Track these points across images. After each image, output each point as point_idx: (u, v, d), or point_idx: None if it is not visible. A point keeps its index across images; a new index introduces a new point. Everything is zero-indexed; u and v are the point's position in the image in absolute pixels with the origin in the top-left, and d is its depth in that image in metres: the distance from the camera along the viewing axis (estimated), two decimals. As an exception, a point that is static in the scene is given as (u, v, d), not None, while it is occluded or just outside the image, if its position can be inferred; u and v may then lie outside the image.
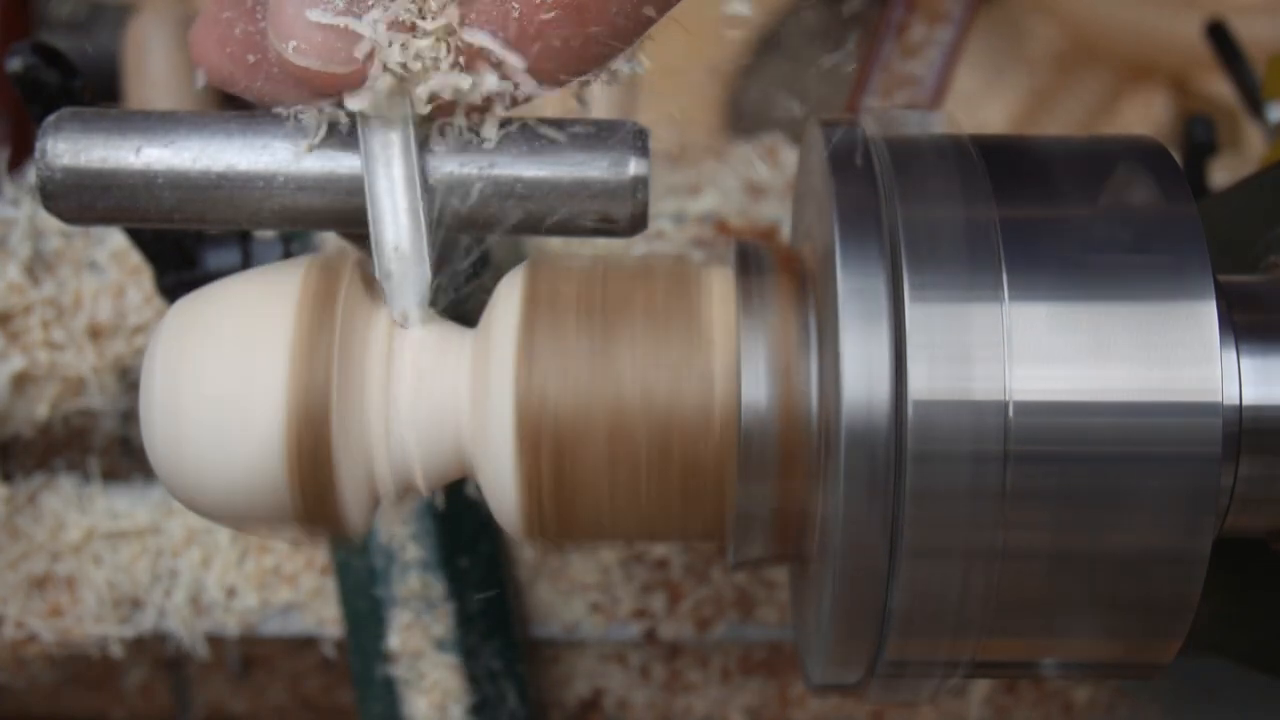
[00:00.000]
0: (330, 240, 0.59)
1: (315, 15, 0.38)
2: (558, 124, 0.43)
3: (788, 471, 0.42)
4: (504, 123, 0.42)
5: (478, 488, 0.44)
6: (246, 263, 0.58)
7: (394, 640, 0.63)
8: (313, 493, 0.41)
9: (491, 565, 0.64)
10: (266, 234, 0.59)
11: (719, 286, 0.43)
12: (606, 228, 0.43)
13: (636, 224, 0.43)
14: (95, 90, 0.50)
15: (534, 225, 0.43)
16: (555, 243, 0.66)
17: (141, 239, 0.56)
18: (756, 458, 0.41)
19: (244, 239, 0.58)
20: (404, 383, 0.43)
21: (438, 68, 0.39)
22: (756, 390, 0.41)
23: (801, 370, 0.41)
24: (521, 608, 0.67)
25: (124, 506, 0.67)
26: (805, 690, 0.64)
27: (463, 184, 0.42)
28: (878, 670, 0.41)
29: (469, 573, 0.63)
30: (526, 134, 0.42)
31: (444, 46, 0.39)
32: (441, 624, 0.63)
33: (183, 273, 0.57)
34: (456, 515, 0.63)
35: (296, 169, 0.42)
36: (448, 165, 0.42)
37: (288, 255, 0.58)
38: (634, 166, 0.42)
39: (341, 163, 0.42)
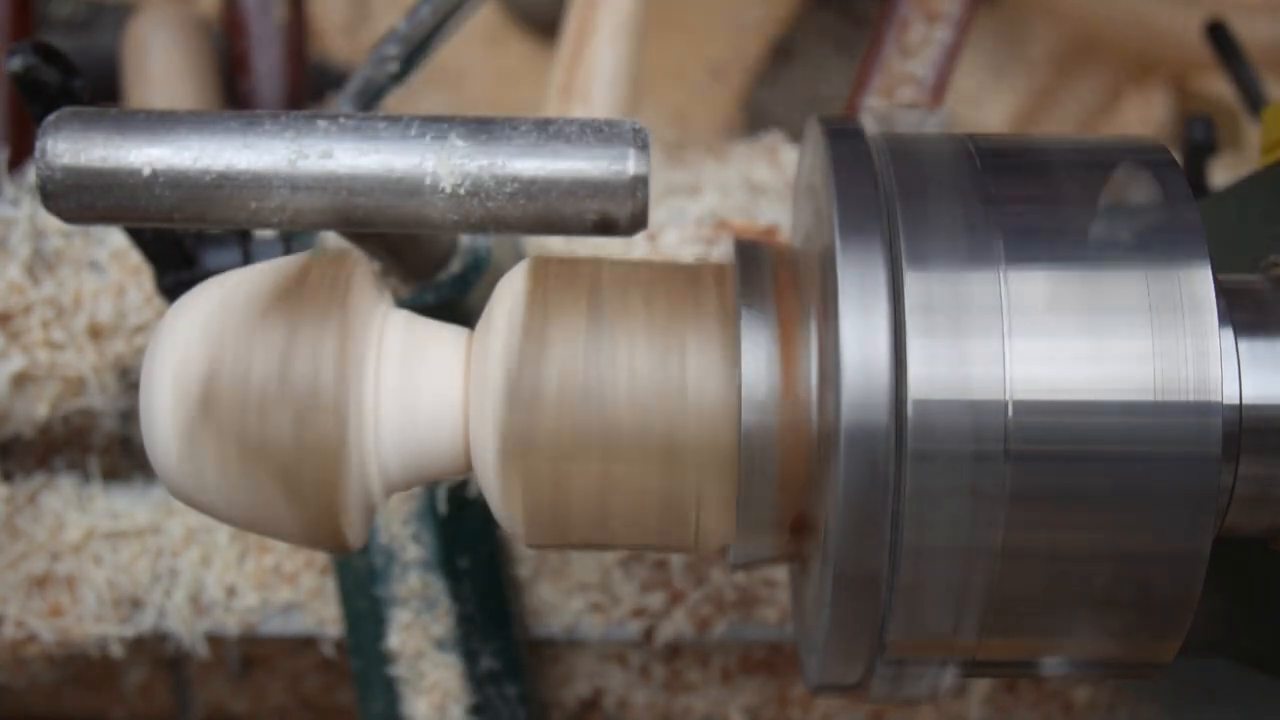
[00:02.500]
0: (330, 238, 0.59)
1: None
2: (558, 123, 0.43)
3: (788, 471, 0.42)
4: (506, 121, 0.43)
5: (478, 487, 0.44)
6: (246, 262, 0.58)
7: (394, 640, 0.63)
8: (313, 490, 0.41)
9: (491, 565, 0.64)
10: (266, 233, 0.59)
11: (718, 288, 0.43)
12: (606, 227, 0.43)
13: (636, 223, 0.43)
14: (95, 90, 0.50)
15: (533, 224, 0.43)
16: (556, 242, 0.66)
17: (141, 239, 0.56)
18: (757, 458, 0.41)
19: (244, 238, 0.58)
20: (405, 383, 0.43)
21: None
22: (757, 391, 0.41)
23: (802, 370, 0.41)
24: (521, 608, 0.67)
25: (124, 506, 0.67)
26: (805, 690, 0.64)
27: (466, 179, 0.42)
28: (877, 670, 0.41)
29: (469, 573, 0.63)
30: (527, 132, 0.42)
31: None
32: (441, 624, 0.63)
33: (182, 272, 0.57)
34: (457, 515, 0.63)
35: (296, 169, 0.42)
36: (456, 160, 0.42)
37: (288, 254, 0.58)
38: (634, 166, 0.42)
39: (341, 162, 0.42)
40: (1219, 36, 0.76)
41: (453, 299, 0.55)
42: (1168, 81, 1.09)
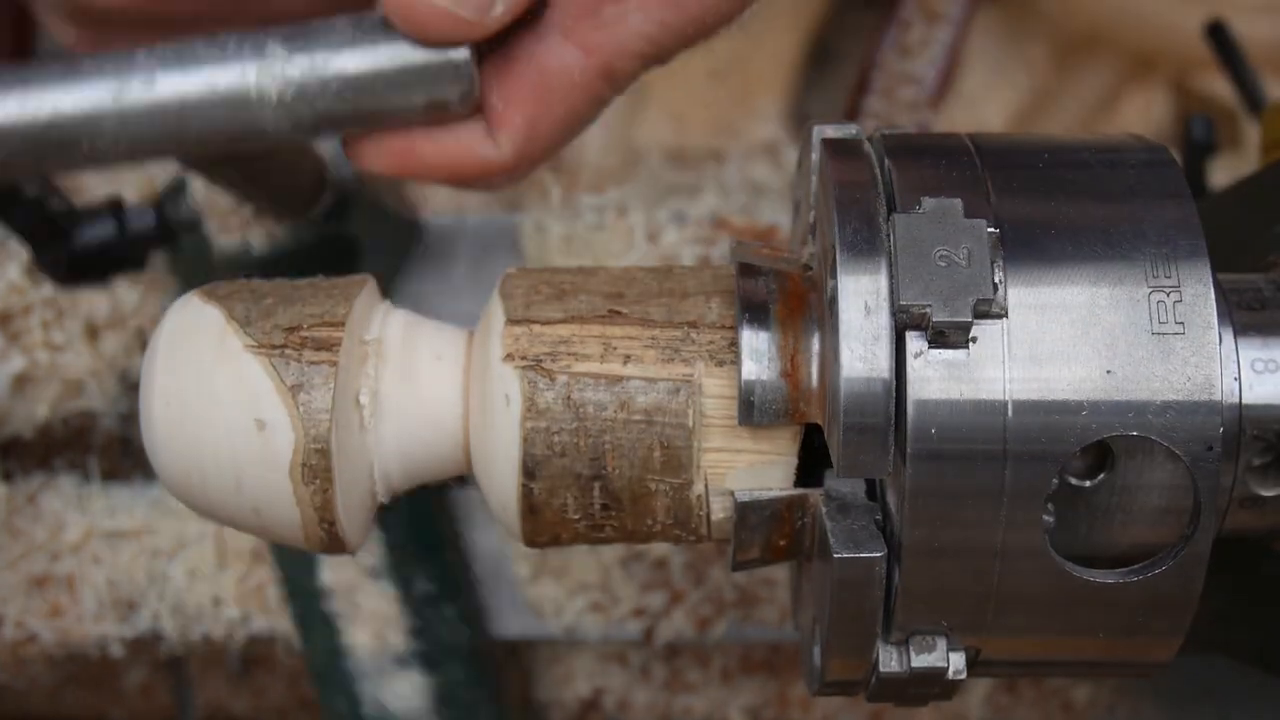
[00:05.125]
0: (198, 191, 0.59)
1: None
2: (375, 18, 0.43)
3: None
4: (322, 23, 0.43)
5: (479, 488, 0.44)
6: (121, 232, 0.57)
7: (327, 575, 0.63)
8: (313, 489, 0.41)
9: (420, 496, 0.64)
10: (137, 202, 0.59)
11: (718, 288, 0.43)
12: (438, 110, 0.43)
13: (467, 101, 0.43)
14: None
15: (366, 118, 0.43)
16: (556, 242, 0.66)
17: (12, 220, 0.56)
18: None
19: (116, 208, 0.58)
20: (405, 383, 0.43)
21: None
22: (756, 390, 0.41)
23: (801, 370, 0.41)
24: (456, 532, 0.67)
25: (123, 506, 0.67)
26: (805, 690, 0.64)
27: (290, 86, 0.42)
28: (878, 670, 0.41)
29: (394, 504, 0.63)
30: (344, 29, 0.42)
31: None
32: (372, 554, 0.63)
33: (56, 248, 0.57)
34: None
35: (122, 102, 0.42)
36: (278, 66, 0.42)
37: (161, 221, 0.58)
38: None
39: (164, 88, 0.42)
40: (1219, 36, 0.76)
41: (334, 232, 0.54)
42: (1168, 80, 1.09)
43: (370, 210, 0.45)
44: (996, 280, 0.38)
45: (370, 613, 0.64)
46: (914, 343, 0.38)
